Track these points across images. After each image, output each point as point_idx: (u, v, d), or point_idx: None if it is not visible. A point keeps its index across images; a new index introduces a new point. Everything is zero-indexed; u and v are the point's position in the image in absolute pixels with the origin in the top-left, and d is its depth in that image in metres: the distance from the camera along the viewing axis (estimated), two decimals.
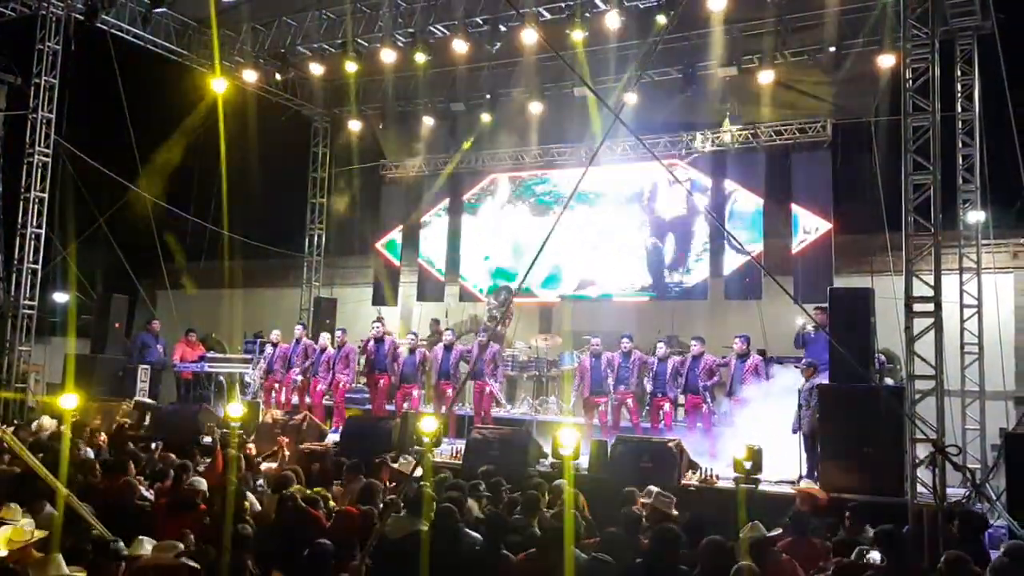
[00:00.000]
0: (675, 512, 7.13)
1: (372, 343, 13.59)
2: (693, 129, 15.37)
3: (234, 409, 10.00)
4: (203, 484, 7.26)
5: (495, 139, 16.81)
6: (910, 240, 9.27)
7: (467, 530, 5.97)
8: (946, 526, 7.09)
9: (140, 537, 5.58)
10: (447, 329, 14.25)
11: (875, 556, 5.60)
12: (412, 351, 13.41)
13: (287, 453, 9.79)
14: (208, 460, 9.10)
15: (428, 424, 8.06)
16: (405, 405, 12.92)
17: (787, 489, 8.88)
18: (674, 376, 11.82)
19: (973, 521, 6.76)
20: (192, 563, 5.19)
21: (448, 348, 13.19)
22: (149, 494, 7.61)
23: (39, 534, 5.57)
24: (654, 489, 7.53)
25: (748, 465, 8.66)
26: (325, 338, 14.04)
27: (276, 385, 13.84)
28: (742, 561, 6.07)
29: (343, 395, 13.52)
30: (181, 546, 5.42)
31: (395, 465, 8.89)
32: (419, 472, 7.40)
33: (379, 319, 14.62)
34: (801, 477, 9.32)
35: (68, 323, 16.74)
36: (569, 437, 9.47)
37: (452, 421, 12.60)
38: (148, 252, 15.51)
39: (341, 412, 13.29)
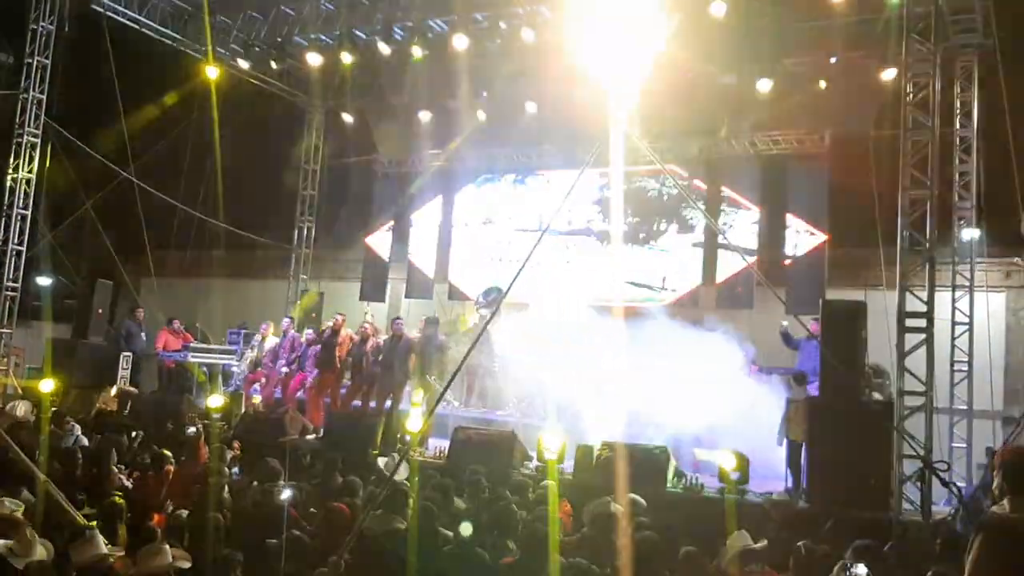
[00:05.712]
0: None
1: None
2: (690, 136, 15.30)
3: (214, 400, 9.86)
4: None
5: (490, 137, 16.69)
6: (904, 255, 9.25)
7: (443, 530, 5.90)
8: (931, 542, 7.04)
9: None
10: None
11: (861, 571, 5.51)
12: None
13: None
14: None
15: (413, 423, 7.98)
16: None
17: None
18: None
19: (958, 542, 6.72)
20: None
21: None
22: (128, 483, 7.50)
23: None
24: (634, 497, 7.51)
25: (735, 476, 8.58)
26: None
27: (263, 379, 13.63)
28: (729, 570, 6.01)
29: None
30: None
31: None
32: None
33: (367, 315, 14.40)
34: (787, 489, 9.26)
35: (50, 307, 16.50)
36: (554, 440, 9.42)
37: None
38: (134, 238, 15.30)
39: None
